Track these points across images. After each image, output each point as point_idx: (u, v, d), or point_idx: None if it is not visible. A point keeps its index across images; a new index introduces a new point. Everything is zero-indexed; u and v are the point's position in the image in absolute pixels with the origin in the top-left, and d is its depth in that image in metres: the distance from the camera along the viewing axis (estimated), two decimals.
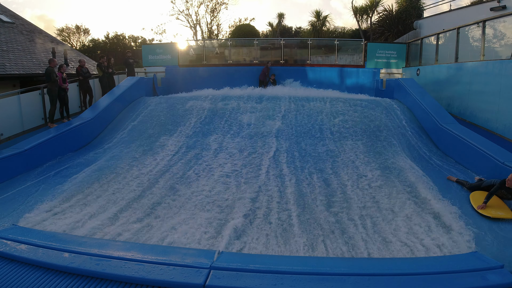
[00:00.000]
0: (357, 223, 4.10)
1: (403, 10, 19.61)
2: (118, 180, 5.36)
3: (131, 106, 9.21)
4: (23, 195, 4.81)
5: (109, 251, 2.25)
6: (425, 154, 6.58)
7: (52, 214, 4.21)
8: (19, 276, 2.02)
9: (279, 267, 2.06)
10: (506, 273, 2.00)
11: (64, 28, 30.27)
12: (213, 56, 14.44)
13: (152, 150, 6.73)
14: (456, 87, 8.48)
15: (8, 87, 10.45)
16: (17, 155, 5.69)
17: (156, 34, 31.90)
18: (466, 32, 8.81)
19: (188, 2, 25.34)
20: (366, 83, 12.12)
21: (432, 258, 2.87)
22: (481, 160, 5.50)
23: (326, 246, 3.61)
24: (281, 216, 4.24)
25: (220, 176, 5.55)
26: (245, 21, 27.60)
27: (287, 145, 6.82)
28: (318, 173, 5.65)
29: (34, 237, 2.50)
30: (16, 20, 14.08)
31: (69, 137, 6.94)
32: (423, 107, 7.81)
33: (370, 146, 6.81)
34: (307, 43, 13.45)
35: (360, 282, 1.92)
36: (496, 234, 3.74)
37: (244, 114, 8.37)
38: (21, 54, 11.82)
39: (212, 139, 7.25)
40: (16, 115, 7.30)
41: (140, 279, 1.92)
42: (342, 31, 25.15)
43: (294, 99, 9.26)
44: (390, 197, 4.74)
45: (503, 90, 6.60)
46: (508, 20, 7.30)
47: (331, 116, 8.17)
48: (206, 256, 2.21)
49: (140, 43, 29.04)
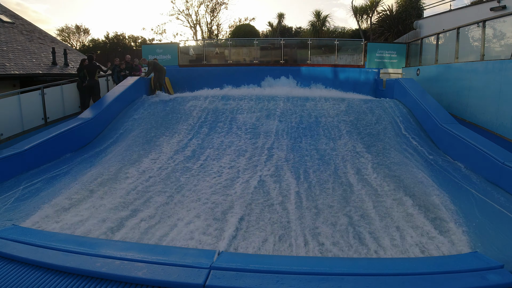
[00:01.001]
0: (357, 223, 4.09)
1: (403, 10, 19.62)
2: (118, 180, 5.35)
3: (131, 106, 9.21)
4: (23, 195, 4.81)
5: (109, 251, 2.25)
6: (425, 154, 6.58)
7: (52, 214, 4.21)
8: (19, 276, 2.02)
9: (279, 267, 2.06)
10: (506, 273, 2.00)
11: (64, 28, 30.29)
12: (213, 56, 14.45)
13: (151, 150, 6.73)
14: (456, 87, 8.48)
15: (8, 87, 10.45)
16: (17, 155, 5.69)
17: (156, 34, 31.95)
18: (466, 32, 8.81)
19: (188, 2, 25.39)
20: (366, 83, 12.13)
21: (432, 258, 2.87)
22: (481, 160, 5.50)
23: (326, 246, 3.61)
24: (281, 216, 4.24)
25: (220, 176, 5.55)
26: (245, 21, 27.63)
27: (286, 145, 6.82)
28: (318, 173, 5.65)
29: (34, 237, 2.50)
30: (16, 20, 14.09)
31: (69, 137, 6.93)
32: (423, 107, 7.82)
33: (370, 146, 6.81)
34: (307, 43, 13.46)
35: (360, 282, 1.92)
36: (496, 234, 3.73)
37: (244, 114, 8.38)
38: (21, 54, 11.82)
39: (212, 139, 7.25)
40: (16, 115, 7.30)
41: (140, 279, 1.92)
42: (342, 31, 25.16)
43: (293, 99, 9.26)
44: (389, 197, 4.74)
45: (503, 90, 6.60)
46: (508, 20, 7.30)
47: (331, 116, 8.18)
48: (206, 256, 2.20)
49: (140, 43, 29.06)
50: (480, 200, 4.64)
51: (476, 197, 4.72)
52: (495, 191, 4.90)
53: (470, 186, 5.11)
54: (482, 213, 4.22)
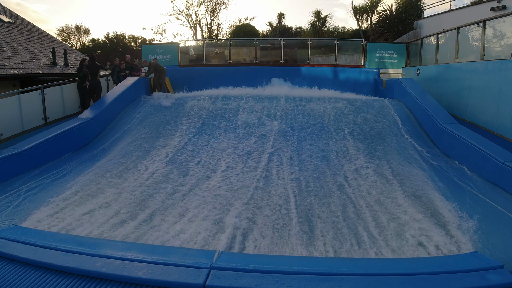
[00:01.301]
0: (356, 223, 4.09)
1: (403, 10, 19.63)
2: (118, 180, 5.35)
3: (131, 106, 9.21)
4: (23, 195, 4.81)
5: (109, 251, 2.25)
6: (425, 154, 6.58)
7: (52, 214, 4.21)
8: (19, 276, 2.02)
9: (279, 267, 2.05)
10: (506, 273, 2.00)
11: (64, 28, 30.30)
12: (213, 56, 14.45)
13: (151, 150, 6.73)
14: (456, 87, 8.48)
15: (8, 87, 10.45)
16: (17, 155, 5.69)
17: (156, 34, 31.97)
18: (466, 32, 8.81)
19: (188, 2, 25.40)
20: (366, 83, 12.13)
21: (432, 258, 2.87)
22: (481, 160, 5.50)
23: (325, 245, 3.61)
24: (281, 216, 4.24)
25: (220, 175, 5.55)
26: (245, 21, 27.63)
27: (287, 145, 6.82)
28: (317, 173, 5.65)
29: (34, 237, 2.50)
30: (16, 20, 14.08)
31: (69, 137, 6.93)
32: (423, 107, 7.82)
33: (370, 145, 6.81)
34: (307, 43, 13.46)
35: (360, 282, 1.92)
36: (496, 234, 3.73)
37: (244, 114, 8.38)
38: (21, 54, 11.81)
39: (212, 139, 7.25)
40: (16, 115, 7.30)
41: (140, 279, 1.92)
42: (342, 31, 25.17)
43: (294, 99, 9.26)
44: (390, 197, 4.74)
45: (503, 90, 6.60)
46: (508, 20, 7.30)
47: (331, 116, 8.18)
48: (206, 256, 2.20)
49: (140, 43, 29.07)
50: (480, 200, 4.63)
51: (476, 197, 4.71)
52: (495, 191, 4.90)
53: (470, 186, 5.11)
54: (482, 213, 4.22)
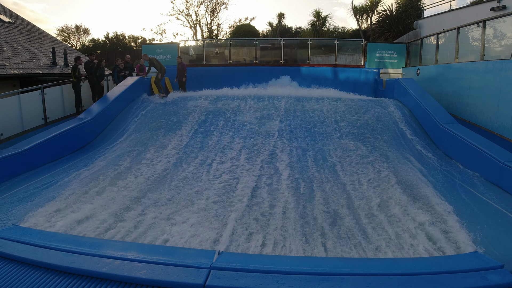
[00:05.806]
0: (356, 223, 4.09)
1: (403, 10, 19.62)
2: (118, 180, 5.35)
3: (131, 106, 9.21)
4: (23, 195, 4.81)
5: (109, 251, 2.25)
6: (425, 154, 6.58)
7: (52, 214, 4.21)
8: (19, 276, 2.02)
9: (279, 267, 2.05)
10: (506, 273, 2.00)
11: (64, 28, 30.31)
12: (213, 56, 14.45)
13: (151, 150, 6.73)
14: (456, 87, 8.48)
15: (8, 87, 10.46)
16: (17, 155, 5.69)
17: (156, 34, 31.96)
18: (466, 32, 8.81)
19: (188, 2, 25.39)
20: (366, 83, 12.13)
21: (432, 258, 2.87)
22: (481, 160, 5.50)
23: (325, 245, 3.61)
24: (281, 216, 4.24)
25: (220, 175, 5.54)
26: (245, 21, 27.63)
27: (287, 145, 6.82)
28: (317, 173, 5.65)
29: (34, 237, 2.50)
30: (16, 20, 14.08)
31: (69, 138, 6.93)
32: (423, 107, 7.82)
33: (370, 145, 6.81)
34: (307, 43, 13.46)
35: (360, 282, 1.92)
36: (496, 234, 3.73)
37: (244, 114, 8.38)
38: (21, 54, 11.82)
39: (212, 139, 7.25)
40: (16, 115, 7.30)
41: (140, 279, 1.92)
42: (342, 31, 25.18)
43: (293, 99, 9.26)
44: (388, 196, 4.74)
45: (503, 90, 6.60)
46: (508, 20, 7.30)
47: (331, 116, 8.18)
48: (206, 256, 2.20)
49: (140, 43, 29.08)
50: (479, 200, 4.63)
51: (476, 197, 4.71)
52: (495, 191, 4.90)
53: (470, 186, 5.10)
54: (482, 213, 4.22)
